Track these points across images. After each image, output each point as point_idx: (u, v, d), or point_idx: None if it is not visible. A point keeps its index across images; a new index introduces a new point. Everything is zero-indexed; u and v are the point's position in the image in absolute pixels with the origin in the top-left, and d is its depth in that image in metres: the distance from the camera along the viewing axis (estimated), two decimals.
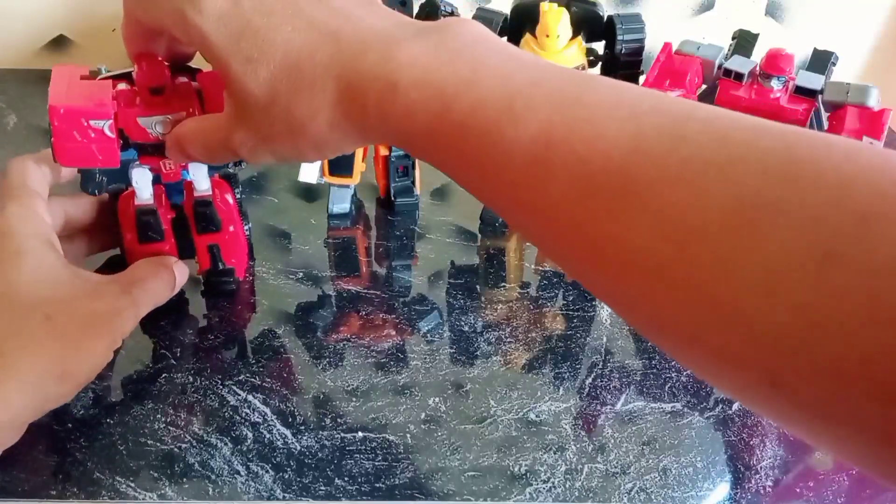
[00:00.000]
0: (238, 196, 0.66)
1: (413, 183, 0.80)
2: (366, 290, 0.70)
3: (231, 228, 0.65)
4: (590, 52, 0.71)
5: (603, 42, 0.72)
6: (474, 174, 0.38)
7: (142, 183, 0.61)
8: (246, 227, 0.68)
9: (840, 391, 0.26)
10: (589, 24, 0.70)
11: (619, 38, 0.70)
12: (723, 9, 1.03)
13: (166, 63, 0.58)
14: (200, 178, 0.63)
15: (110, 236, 0.60)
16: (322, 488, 0.52)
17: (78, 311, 0.48)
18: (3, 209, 0.46)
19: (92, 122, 0.56)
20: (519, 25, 0.71)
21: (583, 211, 0.33)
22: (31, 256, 0.45)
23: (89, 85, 0.58)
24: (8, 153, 0.84)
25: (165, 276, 0.56)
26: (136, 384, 0.59)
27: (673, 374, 0.63)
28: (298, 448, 0.55)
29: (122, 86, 0.59)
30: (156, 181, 0.63)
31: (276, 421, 0.57)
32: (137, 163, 0.61)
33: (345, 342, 0.64)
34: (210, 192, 0.63)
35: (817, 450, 0.58)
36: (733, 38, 0.71)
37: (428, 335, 0.66)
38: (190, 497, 0.51)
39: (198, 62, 0.65)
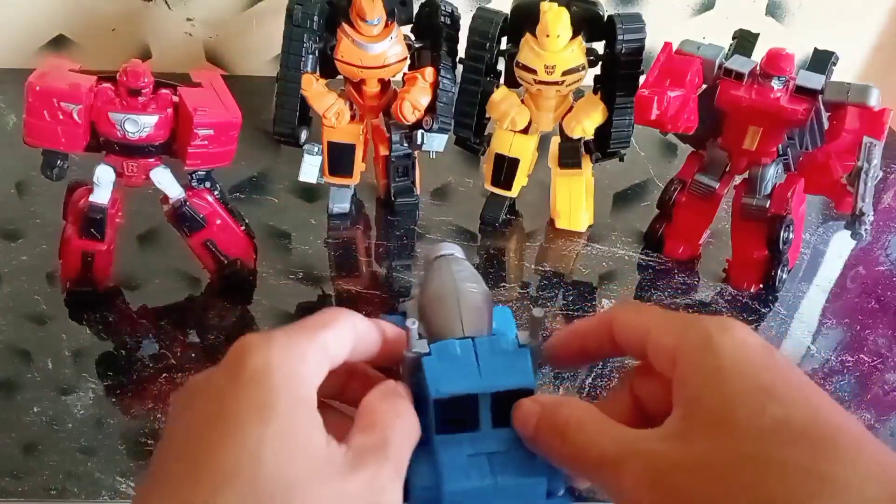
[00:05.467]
0: (218, 194, 0.66)
1: (413, 183, 0.79)
2: (366, 290, 0.70)
3: (218, 222, 0.65)
4: (590, 52, 0.71)
5: (603, 42, 0.72)
6: None
7: (103, 181, 0.62)
8: (242, 227, 0.68)
9: None
10: (589, 24, 0.70)
11: (619, 38, 0.70)
12: (723, 9, 1.03)
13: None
14: (169, 185, 0.63)
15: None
16: None
17: (330, 497, 0.32)
18: (271, 340, 0.34)
19: (63, 104, 0.57)
20: (519, 25, 0.71)
21: None
22: (280, 418, 0.31)
23: (72, 75, 0.60)
24: (8, 153, 0.84)
25: (405, 409, 0.37)
26: (136, 384, 0.59)
27: None
28: None
29: (106, 85, 0.60)
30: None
31: None
32: (103, 161, 0.62)
33: None
34: (183, 196, 0.63)
35: None
36: (733, 38, 0.71)
37: None
38: None
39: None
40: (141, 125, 0.60)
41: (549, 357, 0.39)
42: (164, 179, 0.63)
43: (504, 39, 0.73)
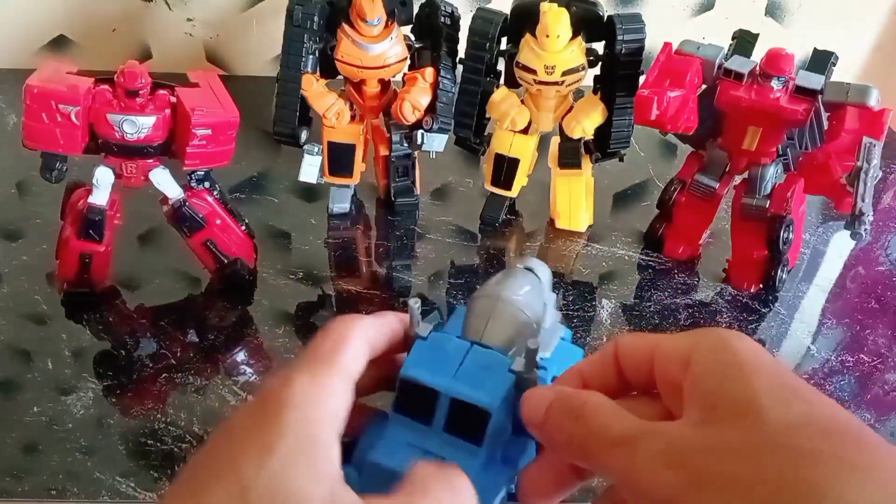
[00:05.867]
0: (217, 194, 0.66)
1: (413, 183, 0.79)
2: (366, 290, 0.70)
3: (218, 222, 0.65)
4: (590, 52, 0.71)
5: (603, 42, 0.72)
6: None
7: (102, 182, 0.62)
8: (242, 227, 0.68)
9: None
10: (589, 25, 0.70)
11: (619, 38, 0.70)
12: (723, 9, 1.03)
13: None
14: (168, 186, 0.63)
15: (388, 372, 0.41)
16: None
17: None
18: (293, 381, 0.33)
19: (61, 106, 0.58)
20: (519, 25, 0.71)
21: None
22: (278, 462, 0.30)
23: (70, 77, 0.60)
24: (8, 153, 0.85)
25: (463, 487, 0.35)
26: (136, 384, 0.59)
27: None
28: None
29: (104, 86, 0.60)
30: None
31: None
32: (102, 163, 0.62)
33: None
34: (182, 196, 0.64)
35: None
36: (733, 38, 0.71)
37: None
38: None
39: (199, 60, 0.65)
40: (139, 126, 0.60)
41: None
42: (163, 180, 0.63)
43: (504, 40, 0.73)
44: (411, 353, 0.38)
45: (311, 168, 0.75)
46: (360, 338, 0.36)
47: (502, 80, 0.75)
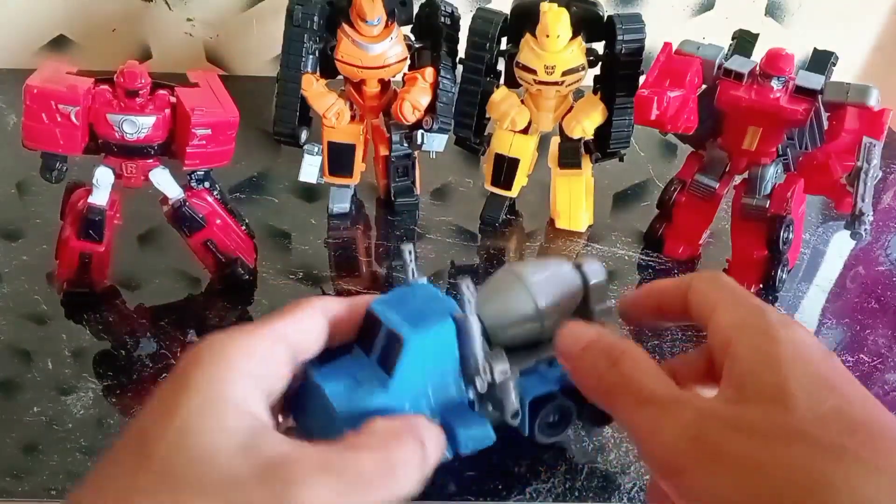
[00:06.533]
0: (217, 194, 0.66)
1: (413, 183, 0.79)
2: (366, 291, 0.70)
3: (218, 222, 0.65)
4: (590, 52, 0.71)
5: (603, 42, 0.72)
6: None
7: (102, 182, 0.62)
8: (242, 227, 0.68)
9: None
10: (589, 25, 0.70)
11: (619, 38, 0.70)
12: (723, 9, 1.03)
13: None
14: (168, 186, 0.63)
15: None
16: None
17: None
18: (212, 342, 0.32)
19: (61, 107, 0.58)
20: (519, 25, 0.71)
21: None
22: (191, 418, 0.29)
23: (69, 77, 0.60)
24: (8, 153, 0.85)
25: (414, 448, 0.34)
26: (137, 384, 0.59)
27: None
28: None
29: (104, 86, 0.60)
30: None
31: None
32: (102, 163, 0.62)
33: None
34: (182, 196, 0.64)
35: None
36: (733, 38, 0.71)
37: None
38: None
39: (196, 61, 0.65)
40: (139, 126, 0.60)
41: (623, 312, 0.40)
42: (163, 180, 0.63)
43: (504, 40, 0.74)
44: (387, 293, 0.40)
45: (311, 168, 0.75)
46: (312, 312, 0.37)
47: (502, 80, 0.75)
